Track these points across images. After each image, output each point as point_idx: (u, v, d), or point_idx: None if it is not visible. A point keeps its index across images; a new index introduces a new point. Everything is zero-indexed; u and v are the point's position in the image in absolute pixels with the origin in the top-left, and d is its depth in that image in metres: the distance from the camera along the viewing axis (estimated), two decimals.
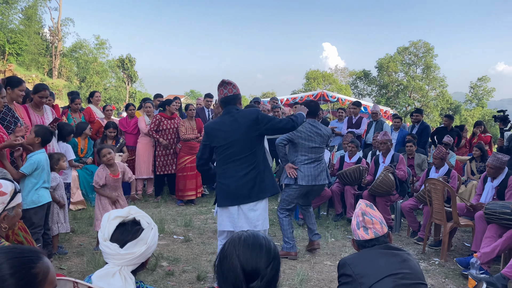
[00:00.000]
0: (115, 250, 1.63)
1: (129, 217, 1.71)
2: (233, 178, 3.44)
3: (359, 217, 2.24)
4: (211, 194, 7.94)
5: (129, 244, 1.64)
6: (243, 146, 3.44)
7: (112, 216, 1.70)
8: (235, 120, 3.45)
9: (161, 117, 7.16)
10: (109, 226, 1.68)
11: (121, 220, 1.70)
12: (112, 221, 1.69)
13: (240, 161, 3.44)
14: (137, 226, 1.70)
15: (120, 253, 1.63)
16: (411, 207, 5.72)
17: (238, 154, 3.44)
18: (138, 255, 1.65)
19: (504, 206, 4.35)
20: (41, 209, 3.94)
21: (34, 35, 35.29)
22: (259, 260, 1.33)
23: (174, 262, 4.38)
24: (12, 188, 2.15)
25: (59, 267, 4.09)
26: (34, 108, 4.71)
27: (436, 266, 4.72)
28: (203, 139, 3.64)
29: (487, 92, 47.94)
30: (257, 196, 3.46)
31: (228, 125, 3.45)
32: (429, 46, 46.72)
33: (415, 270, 2.10)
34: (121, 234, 1.67)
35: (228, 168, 3.47)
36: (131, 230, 1.68)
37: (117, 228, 1.68)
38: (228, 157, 3.46)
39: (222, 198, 3.50)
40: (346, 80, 52.89)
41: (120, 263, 1.64)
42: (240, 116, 3.46)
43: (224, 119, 3.50)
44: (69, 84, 35.20)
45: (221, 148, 3.47)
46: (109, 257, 1.65)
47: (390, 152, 6.28)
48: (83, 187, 6.45)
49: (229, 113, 3.49)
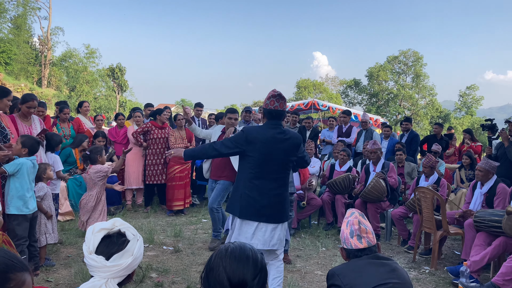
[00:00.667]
0: (101, 263, 1.61)
1: (114, 229, 1.69)
2: (266, 195, 3.28)
3: (354, 225, 2.21)
4: (201, 204, 7.89)
5: (115, 256, 1.63)
6: (282, 166, 3.34)
7: (96, 228, 1.68)
8: (284, 139, 3.32)
9: (151, 125, 7.13)
10: (94, 238, 1.66)
11: (106, 233, 1.68)
12: (97, 234, 1.67)
13: (274, 180, 3.32)
14: (122, 238, 1.68)
15: (107, 266, 1.61)
16: (401, 215, 5.74)
17: (275, 172, 3.31)
18: (124, 267, 1.63)
19: (493, 214, 4.37)
20: (25, 220, 3.88)
21: (23, 44, 35.07)
22: (246, 271, 1.32)
23: (164, 273, 4.33)
24: None
25: (46, 280, 4.02)
26: (22, 119, 4.65)
27: (426, 275, 4.72)
28: (238, 142, 3.34)
29: (476, 101, 48.52)
30: (283, 218, 3.36)
31: (277, 141, 3.30)
32: (419, 55, 47.26)
33: (404, 279, 2.09)
34: (106, 246, 1.65)
35: (261, 184, 3.29)
36: (116, 242, 1.66)
37: (102, 240, 1.66)
38: (264, 172, 3.29)
39: (248, 211, 3.29)
40: (337, 89, 53.23)
41: (106, 275, 1.62)
42: (290, 136, 3.37)
43: (271, 132, 3.33)
44: (58, 94, 34.93)
45: (258, 160, 3.29)
46: (94, 270, 1.62)
47: (380, 161, 6.31)
48: (72, 197, 6.38)
49: (276, 129, 3.34)
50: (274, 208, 3.28)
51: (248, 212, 3.28)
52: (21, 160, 3.85)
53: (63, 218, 6.02)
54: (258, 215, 3.28)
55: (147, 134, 7.10)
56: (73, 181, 6.45)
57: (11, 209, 3.76)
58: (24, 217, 3.87)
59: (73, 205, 6.34)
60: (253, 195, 3.28)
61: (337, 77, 55.94)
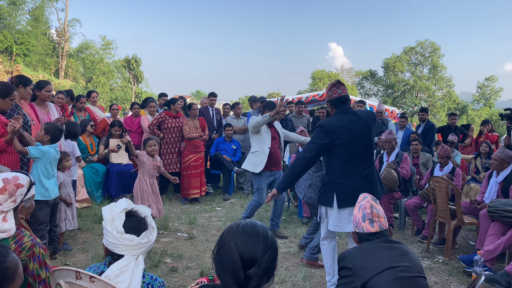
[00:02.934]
0: (136, 240, 1.72)
1: (130, 207, 1.77)
2: (357, 177, 3.33)
3: (366, 209, 2.24)
4: (216, 193, 7.97)
5: (144, 233, 1.76)
6: (367, 145, 3.40)
7: (117, 210, 1.76)
8: (360, 119, 3.39)
9: (165, 115, 7.20)
10: (119, 219, 1.74)
11: (126, 212, 1.76)
12: (120, 215, 1.75)
13: (363, 160, 3.37)
14: (140, 215, 1.77)
15: (142, 242, 1.73)
16: (415, 205, 5.72)
17: (362, 153, 3.37)
18: (153, 242, 1.77)
19: (507, 204, 4.33)
20: (46, 206, 3.99)
21: (41, 36, 35.54)
22: (256, 247, 1.35)
23: (178, 259, 4.41)
24: (27, 180, 2.24)
25: (64, 263, 4.13)
26: (40, 106, 4.76)
27: (440, 264, 4.71)
28: (319, 138, 3.38)
29: (495, 92, 47.59)
30: (376, 196, 3.36)
31: (355, 123, 3.37)
32: (436, 46, 46.51)
33: (414, 263, 2.10)
34: (135, 224, 1.76)
35: (351, 167, 3.34)
36: (141, 220, 1.78)
37: (126, 219, 1.75)
38: (352, 156, 3.33)
39: (344, 199, 3.32)
40: (352, 80, 52.76)
41: (138, 252, 1.73)
42: (364, 115, 3.44)
43: (346, 117, 3.39)
44: (75, 85, 35.39)
45: (346, 146, 3.33)
46: (127, 249, 1.71)
47: (394, 151, 6.27)
48: (88, 185, 6.49)
49: (349, 113, 3.42)
50: (367, 188, 3.26)
51: (344, 200, 3.33)
52: (45, 148, 3.93)
53: (80, 205, 6.14)
54: (354, 200, 3.20)
55: (162, 123, 7.17)
56: (89, 169, 6.56)
57: (35, 195, 3.84)
58: (46, 202, 3.98)
59: (89, 192, 6.46)
60: (346, 182, 3.33)
61: (352, 68, 55.56)
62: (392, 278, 1.99)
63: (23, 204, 2.22)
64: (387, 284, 1.99)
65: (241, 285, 1.32)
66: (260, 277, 1.34)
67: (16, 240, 2.09)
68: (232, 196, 7.69)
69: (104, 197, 6.72)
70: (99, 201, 6.58)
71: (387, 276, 2.00)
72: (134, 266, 1.69)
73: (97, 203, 6.48)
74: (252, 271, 1.32)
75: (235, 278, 1.32)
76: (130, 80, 43.03)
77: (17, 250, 2.07)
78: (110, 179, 6.63)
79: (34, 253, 2.09)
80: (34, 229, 3.82)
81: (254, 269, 1.32)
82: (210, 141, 7.96)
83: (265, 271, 1.35)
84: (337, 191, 3.36)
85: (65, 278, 1.68)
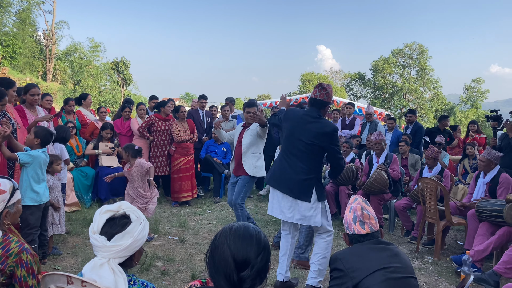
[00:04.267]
0: (102, 242, 1.68)
1: (119, 212, 1.75)
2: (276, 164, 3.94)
3: (357, 211, 2.26)
4: (206, 195, 7.96)
5: (116, 237, 1.69)
6: (303, 146, 3.65)
7: (103, 210, 1.75)
8: (310, 121, 3.63)
9: (155, 118, 7.17)
10: (100, 219, 1.72)
11: (112, 214, 1.74)
12: (103, 215, 1.73)
13: (290, 153, 3.73)
14: (125, 220, 1.74)
15: (106, 245, 1.67)
16: (405, 206, 5.77)
17: (297, 150, 3.68)
18: (124, 248, 1.69)
19: (495, 204, 4.39)
20: (38, 210, 3.94)
21: (28, 38, 35.15)
22: (249, 249, 1.36)
23: (169, 262, 4.39)
24: (10, 185, 2.20)
25: (54, 267, 4.09)
26: (29, 109, 4.72)
27: (429, 264, 4.75)
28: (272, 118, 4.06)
29: (481, 94, 48.20)
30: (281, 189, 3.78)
31: (300, 121, 3.68)
32: (423, 48, 46.97)
33: (405, 264, 2.13)
34: (110, 227, 1.72)
35: (281, 155, 3.82)
36: (119, 223, 1.73)
37: (107, 221, 1.72)
38: (284, 145, 3.80)
39: None
40: (341, 82, 53.02)
41: (107, 255, 1.68)
42: (318, 120, 3.63)
43: (301, 112, 3.75)
44: (63, 87, 35.07)
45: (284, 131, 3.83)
46: (97, 250, 1.69)
47: (384, 152, 6.32)
48: (78, 189, 6.44)
49: (311, 112, 3.67)
50: None
51: None
52: (34, 153, 3.89)
53: (69, 209, 6.08)
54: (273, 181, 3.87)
55: (151, 126, 7.14)
56: (78, 172, 6.51)
57: (26, 201, 3.80)
58: (37, 207, 3.93)
59: (78, 196, 6.40)
60: None
61: (341, 71, 55.77)
62: (383, 279, 2.01)
63: (7, 210, 2.18)
64: (379, 285, 2.01)
65: (234, 287, 1.33)
66: (253, 279, 1.34)
67: (3, 246, 2.06)
68: (223, 198, 7.67)
69: (94, 200, 6.67)
70: (88, 205, 6.53)
71: (378, 277, 2.02)
72: (105, 267, 1.66)
73: (86, 207, 6.43)
74: (245, 273, 1.33)
75: (229, 280, 1.32)
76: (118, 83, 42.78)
77: (3, 256, 2.04)
78: (100, 183, 6.58)
79: (22, 259, 2.06)
80: (24, 233, 3.78)
81: (247, 271, 1.33)
82: (200, 144, 7.94)
83: (258, 273, 1.36)
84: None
85: (56, 283, 1.67)
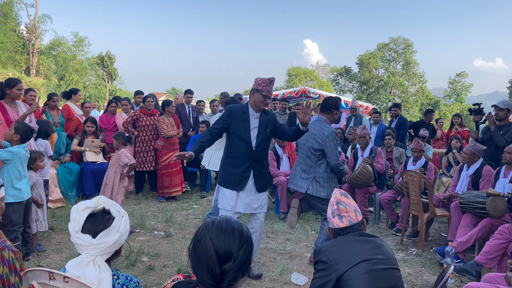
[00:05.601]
0: (88, 241, 1.63)
1: (98, 207, 1.72)
2: None
3: (333, 205, 2.28)
4: (192, 190, 7.94)
5: (101, 234, 1.65)
6: None
7: (81, 207, 1.70)
8: None
9: (140, 112, 7.11)
10: (79, 217, 1.67)
11: (91, 211, 1.70)
12: (82, 213, 1.68)
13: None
14: (107, 215, 1.71)
15: (93, 243, 1.63)
16: (390, 199, 5.83)
17: None
18: (111, 244, 1.66)
19: (478, 196, 4.46)
20: (20, 206, 3.89)
21: (10, 32, 34.59)
22: (231, 242, 1.36)
23: (155, 257, 4.38)
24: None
25: (38, 264, 4.05)
26: (9, 104, 4.64)
27: (413, 256, 4.82)
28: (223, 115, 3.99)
29: (465, 88, 48.88)
30: None
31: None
32: (409, 43, 47.40)
33: (388, 255, 2.15)
34: (92, 224, 1.67)
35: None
36: (102, 219, 1.69)
37: (88, 219, 1.68)
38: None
39: None
40: (328, 77, 53.27)
41: (94, 253, 1.65)
42: None
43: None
44: (47, 82, 34.60)
45: None
46: (82, 248, 1.65)
47: (368, 146, 6.37)
48: (62, 185, 6.37)
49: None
50: None
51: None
52: (14, 149, 3.83)
53: (54, 205, 6.02)
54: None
55: (136, 121, 7.09)
56: (62, 168, 6.43)
57: (8, 198, 3.74)
58: (20, 203, 3.88)
59: (63, 192, 6.33)
60: None
61: (327, 65, 56.05)
62: (366, 270, 2.04)
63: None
64: (362, 277, 2.03)
65: (216, 280, 1.33)
66: (235, 272, 1.34)
67: None
68: (209, 193, 7.66)
69: (79, 196, 6.60)
70: (73, 201, 6.46)
71: (361, 269, 2.04)
72: (90, 265, 1.64)
73: (71, 203, 6.36)
74: (227, 266, 1.33)
75: (211, 273, 1.32)
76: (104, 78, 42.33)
77: None
78: (85, 178, 6.52)
79: (4, 257, 2.03)
80: (7, 230, 3.73)
81: (229, 264, 1.33)
82: (187, 139, 7.91)
83: (241, 266, 1.36)
84: None
85: (38, 279, 1.65)
